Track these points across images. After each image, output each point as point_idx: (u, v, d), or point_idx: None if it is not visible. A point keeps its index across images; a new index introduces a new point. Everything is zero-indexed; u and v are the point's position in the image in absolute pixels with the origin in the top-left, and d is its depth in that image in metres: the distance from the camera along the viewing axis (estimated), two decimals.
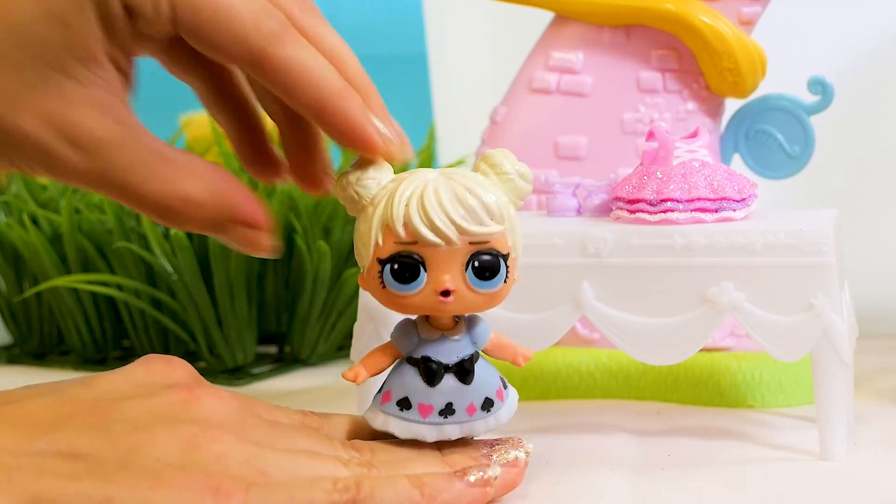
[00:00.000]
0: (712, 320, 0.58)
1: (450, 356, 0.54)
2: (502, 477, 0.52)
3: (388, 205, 0.52)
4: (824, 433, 0.58)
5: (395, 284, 0.52)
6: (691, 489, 0.55)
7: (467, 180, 0.52)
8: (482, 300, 0.53)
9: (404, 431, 0.54)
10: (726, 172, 0.60)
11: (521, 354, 0.55)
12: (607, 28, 0.69)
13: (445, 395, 0.53)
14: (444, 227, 0.52)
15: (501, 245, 0.53)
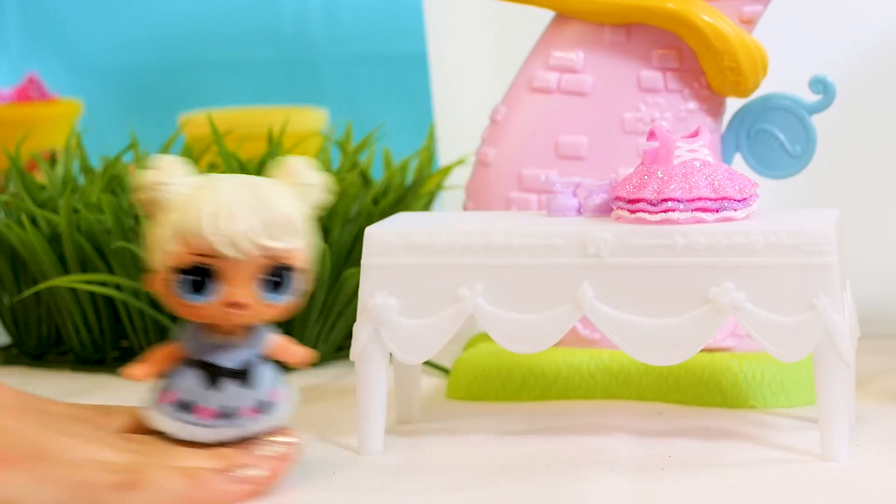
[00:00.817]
0: (713, 320, 0.58)
1: (232, 361, 0.55)
2: (268, 468, 0.54)
3: (185, 214, 0.52)
4: (826, 434, 0.58)
5: (188, 295, 0.53)
6: (692, 490, 0.55)
7: (266, 192, 0.53)
8: (269, 312, 0.54)
9: (181, 432, 0.54)
10: (727, 172, 0.60)
11: (301, 356, 0.56)
12: (608, 27, 0.69)
13: (225, 399, 0.54)
14: (240, 240, 0.52)
15: (294, 259, 0.53)
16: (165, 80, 1.20)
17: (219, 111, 1.09)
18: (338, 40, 1.16)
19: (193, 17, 1.19)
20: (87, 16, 1.21)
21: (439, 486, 0.56)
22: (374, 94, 1.14)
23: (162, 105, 1.18)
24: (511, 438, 0.63)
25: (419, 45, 0.91)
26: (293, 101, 1.15)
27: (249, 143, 0.90)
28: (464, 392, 0.70)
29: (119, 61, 1.20)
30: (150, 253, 0.54)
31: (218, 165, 0.85)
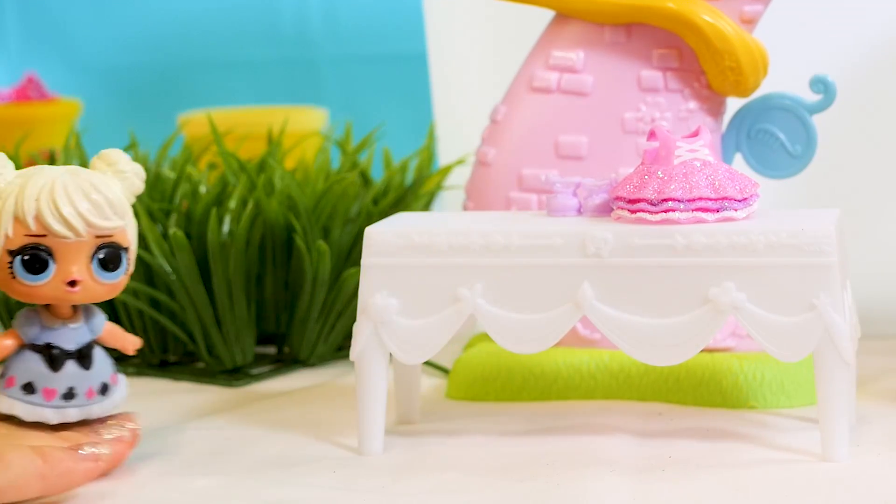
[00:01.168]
0: (714, 320, 0.58)
1: (70, 343, 0.58)
2: (112, 449, 0.57)
3: (18, 199, 0.57)
4: (826, 434, 0.58)
5: (26, 275, 0.57)
6: (693, 490, 0.55)
7: (92, 177, 0.57)
8: (105, 290, 0.58)
9: (29, 414, 0.58)
10: (728, 172, 0.60)
11: (131, 342, 0.60)
12: (608, 27, 0.69)
13: (67, 380, 0.58)
14: (73, 219, 0.56)
15: (123, 239, 0.58)
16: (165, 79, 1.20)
17: (218, 111, 1.09)
18: (338, 40, 1.16)
19: (193, 16, 1.19)
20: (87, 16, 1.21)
21: (439, 486, 0.56)
22: (373, 94, 1.14)
23: (161, 105, 1.18)
24: (511, 438, 0.63)
25: (419, 45, 0.91)
26: (293, 101, 1.15)
27: (249, 143, 0.90)
28: (464, 392, 0.70)
29: (118, 61, 1.20)
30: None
31: (218, 165, 0.85)
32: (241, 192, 0.77)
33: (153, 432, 0.65)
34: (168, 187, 0.79)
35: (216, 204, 0.77)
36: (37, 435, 0.57)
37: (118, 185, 0.58)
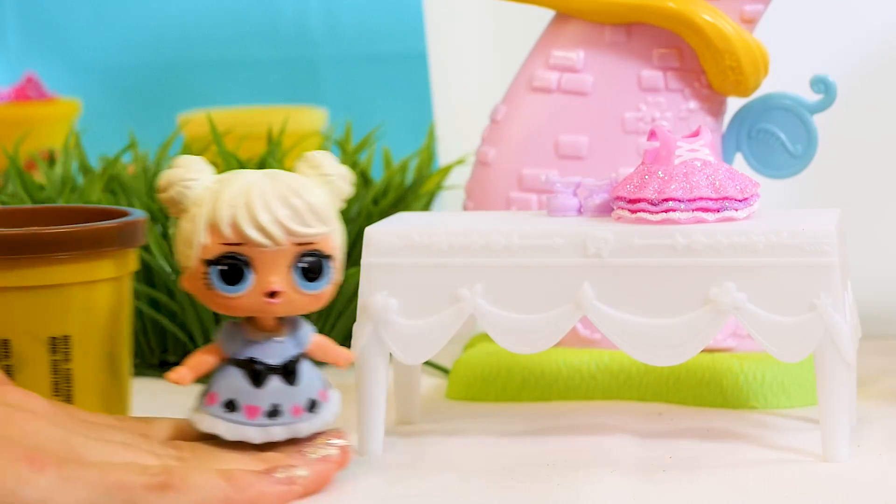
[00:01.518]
0: (714, 321, 0.58)
1: (275, 357, 0.54)
2: (315, 471, 0.53)
3: (214, 205, 0.53)
4: (827, 434, 0.58)
5: (222, 286, 0.53)
6: (693, 491, 0.55)
7: (292, 181, 0.53)
8: (307, 301, 0.54)
9: (231, 433, 0.54)
10: (728, 172, 0.60)
11: (343, 356, 0.56)
12: (608, 26, 0.69)
13: (272, 397, 0.54)
14: (271, 227, 0.52)
15: (327, 246, 0.54)
16: (164, 79, 1.20)
17: (218, 111, 1.09)
18: (337, 40, 1.16)
19: (192, 16, 1.19)
20: (86, 15, 1.21)
21: (439, 486, 0.56)
22: (373, 93, 1.14)
23: (161, 104, 1.18)
24: (511, 439, 0.62)
25: (419, 44, 0.91)
26: (293, 101, 1.15)
27: (249, 143, 0.90)
28: (464, 392, 0.70)
29: (118, 60, 1.20)
30: (181, 251, 0.54)
31: (217, 165, 0.85)
32: None
33: None
34: None
35: None
36: (237, 457, 0.53)
37: (322, 190, 0.54)
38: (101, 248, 0.57)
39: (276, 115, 0.97)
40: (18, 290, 0.56)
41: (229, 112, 1.15)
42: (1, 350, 0.56)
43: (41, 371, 0.56)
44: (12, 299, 0.56)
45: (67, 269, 0.56)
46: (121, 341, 0.59)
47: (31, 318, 0.56)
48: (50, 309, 0.56)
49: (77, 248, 0.56)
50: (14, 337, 0.56)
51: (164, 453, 0.52)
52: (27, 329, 0.56)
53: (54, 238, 0.56)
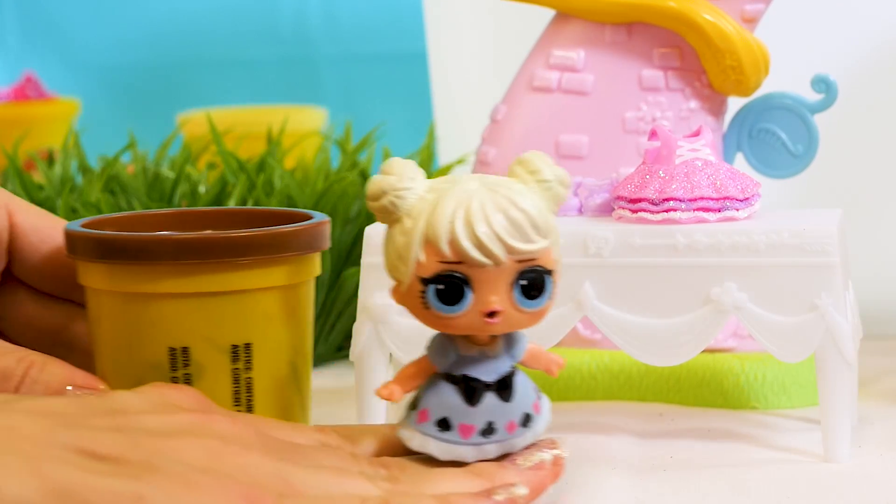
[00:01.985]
0: (715, 321, 0.58)
1: (490, 374, 0.51)
2: (530, 484, 0.51)
3: (430, 220, 0.50)
4: (828, 435, 0.58)
5: (440, 306, 0.50)
6: (694, 491, 0.55)
7: (511, 192, 0.50)
8: (527, 319, 0.51)
9: (445, 453, 0.52)
10: (729, 171, 0.60)
11: (555, 363, 0.53)
12: (609, 26, 0.69)
13: (486, 415, 0.51)
14: (492, 246, 0.49)
15: (547, 261, 0.50)
16: (164, 78, 1.20)
17: (217, 110, 1.09)
18: (337, 39, 1.16)
19: (192, 15, 1.19)
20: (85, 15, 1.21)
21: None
22: (373, 93, 1.14)
23: (160, 104, 1.18)
24: None
25: (419, 43, 0.91)
26: (292, 100, 1.15)
27: (248, 143, 0.90)
28: None
29: (117, 60, 1.20)
30: (392, 264, 0.51)
31: (217, 165, 0.85)
32: (241, 192, 0.77)
33: None
34: (167, 187, 0.79)
35: (215, 204, 0.77)
36: (448, 473, 0.51)
37: (541, 198, 0.50)
38: (286, 253, 0.54)
39: (276, 114, 0.97)
40: (200, 297, 0.53)
41: (229, 111, 1.15)
42: (180, 358, 0.53)
43: (221, 380, 0.54)
44: (193, 306, 0.53)
45: (251, 274, 0.53)
46: (302, 349, 0.56)
47: (211, 326, 0.53)
48: (232, 316, 0.54)
49: (262, 253, 0.53)
50: (194, 344, 0.53)
51: (375, 474, 0.50)
52: (207, 336, 0.53)
53: (240, 242, 0.53)
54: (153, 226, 0.58)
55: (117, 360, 0.55)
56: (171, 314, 0.53)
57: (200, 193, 0.78)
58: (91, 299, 0.55)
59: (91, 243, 0.54)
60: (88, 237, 0.54)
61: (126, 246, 0.53)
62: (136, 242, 0.53)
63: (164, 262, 0.53)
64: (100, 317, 0.55)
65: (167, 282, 0.53)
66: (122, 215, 0.59)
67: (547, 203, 0.51)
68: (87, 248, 0.54)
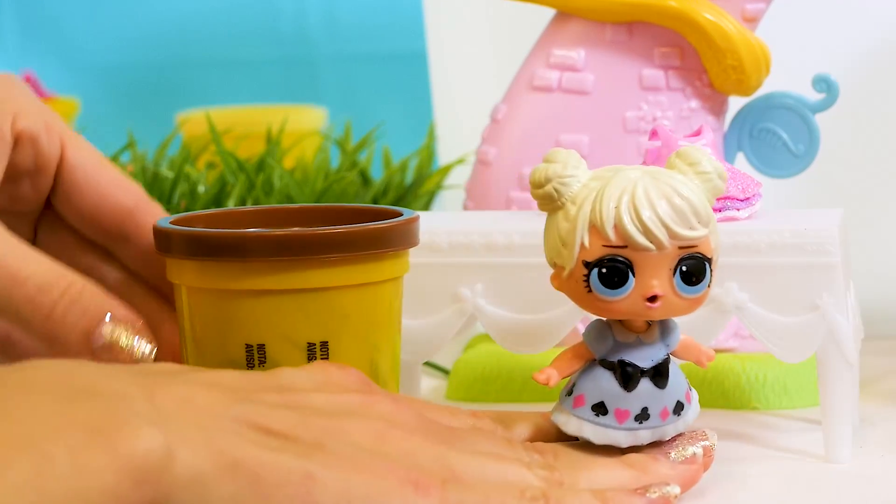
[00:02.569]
0: (716, 321, 0.58)
1: (645, 360, 0.53)
2: (682, 477, 0.52)
3: (595, 205, 0.51)
4: (829, 435, 0.58)
5: (603, 289, 0.51)
6: (695, 491, 0.54)
7: (673, 181, 0.51)
8: (686, 305, 0.52)
9: (600, 437, 0.53)
10: (730, 171, 0.60)
11: (706, 355, 0.54)
12: (609, 25, 0.69)
13: (641, 400, 0.52)
14: (657, 231, 0.50)
15: (707, 249, 0.52)
16: (163, 78, 1.20)
17: (217, 110, 1.09)
18: (337, 39, 1.16)
19: (191, 15, 1.19)
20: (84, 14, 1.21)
21: None
22: (373, 92, 1.14)
23: (159, 104, 1.18)
24: None
25: (419, 43, 0.91)
26: (292, 100, 1.15)
27: (248, 142, 0.90)
28: (464, 393, 0.70)
29: (116, 60, 1.20)
30: (554, 249, 0.52)
31: (216, 164, 0.85)
32: (240, 192, 0.76)
33: None
34: (166, 187, 0.79)
35: (214, 203, 0.77)
36: (601, 462, 0.52)
37: (700, 188, 0.52)
38: (374, 250, 0.53)
39: (276, 114, 0.96)
40: (279, 294, 0.53)
41: (228, 111, 1.15)
42: (257, 355, 0.53)
43: None
44: (272, 303, 0.53)
45: (334, 272, 0.53)
46: (385, 348, 0.55)
47: (289, 323, 0.53)
48: (310, 313, 0.53)
49: (349, 250, 0.53)
50: (270, 341, 0.53)
51: (531, 460, 0.50)
52: (285, 334, 0.53)
53: (326, 239, 0.53)
54: (240, 223, 0.58)
55: (197, 356, 0.55)
56: (252, 311, 0.53)
57: (199, 193, 0.77)
58: (179, 295, 0.55)
59: (186, 240, 0.54)
60: (183, 234, 0.54)
61: (222, 243, 0.53)
62: (233, 239, 0.53)
63: (258, 259, 0.53)
64: (185, 312, 0.55)
65: (258, 279, 0.53)
66: (208, 212, 0.59)
67: (706, 194, 0.52)
68: (182, 245, 0.54)
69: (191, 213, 0.58)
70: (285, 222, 0.59)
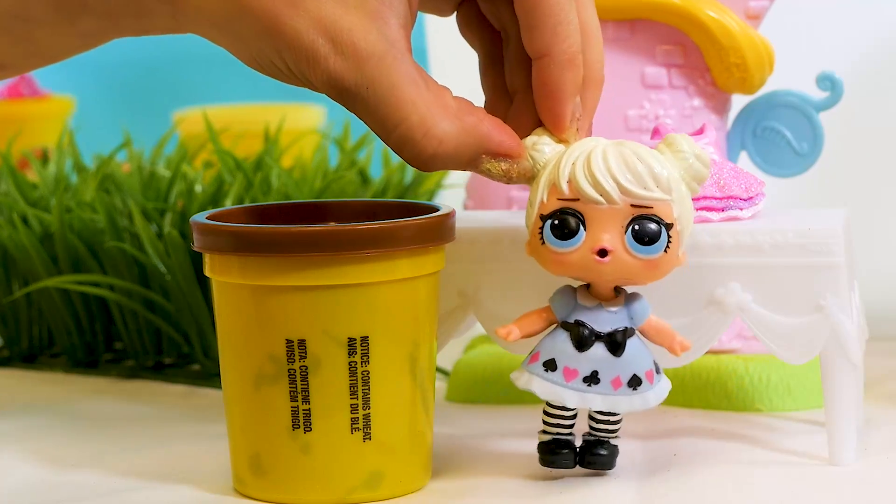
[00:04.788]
0: (719, 322, 0.57)
1: (603, 325, 0.54)
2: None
3: (556, 165, 0.53)
4: (833, 437, 0.57)
5: (554, 240, 0.53)
6: (698, 493, 0.54)
7: (640, 150, 0.53)
8: (640, 267, 0.53)
9: (546, 392, 0.55)
10: (733, 170, 0.59)
11: (679, 342, 0.55)
12: (612, 22, 0.68)
13: (592, 363, 0.54)
14: (606, 184, 0.52)
15: (665, 213, 0.53)
16: (159, 76, 1.19)
17: (214, 108, 1.08)
18: None
19: None
20: None
21: (439, 489, 0.56)
22: None
23: (156, 102, 1.17)
24: (513, 441, 0.62)
25: (418, 41, 0.90)
26: (290, 98, 1.14)
27: (245, 141, 0.89)
28: (464, 395, 0.69)
29: (112, 57, 1.19)
30: (528, 215, 0.54)
31: (213, 163, 0.84)
32: (238, 191, 0.76)
33: (153, 436, 0.64)
34: (163, 186, 0.79)
35: (212, 203, 0.76)
36: None
37: (671, 163, 0.53)
38: (409, 246, 0.54)
39: (274, 112, 0.96)
40: (319, 289, 0.53)
41: (225, 109, 1.15)
42: (297, 350, 0.53)
43: (338, 373, 0.54)
44: (312, 298, 0.53)
45: (372, 267, 0.53)
46: (423, 343, 0.55)
47: (329, 318, 0.53)
48: (350, 308, 0.53)
49: (390, 246, 0.53)
50: (311, 337, 0.53)
51: None
52: (325, 329, 0.53)
53: (368, 235, 0.53)
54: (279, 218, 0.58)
55: (237, 352, 0.55)
56: (292, 306, 0.53)
57: (197, 193, 0.77)
58: (218, 291, 0.55)
59: (227, 236, 0.54)
60: (224, 230, 0.54)
61: (263, 239, 0.53)
62: (274, 235, 0.53)
63: (300, 254, 0.53)
64: (224, 308, 0.55)
65: (299, 274, 0.53)
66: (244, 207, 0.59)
67: (681, 174, 0.54)
68: (222, 241, 0.54)
69: (227, 208, 0.59)
70: (321, 217, 0.59)
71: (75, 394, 0.73)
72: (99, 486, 0.57)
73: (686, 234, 0.54)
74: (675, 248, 0.53)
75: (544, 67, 0.54)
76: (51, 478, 0.59)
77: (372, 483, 0.55)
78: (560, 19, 0.54)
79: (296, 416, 0.54)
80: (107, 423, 0.67)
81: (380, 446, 0.55)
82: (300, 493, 0.54)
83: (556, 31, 0.54)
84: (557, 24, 0.54)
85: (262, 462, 0.55)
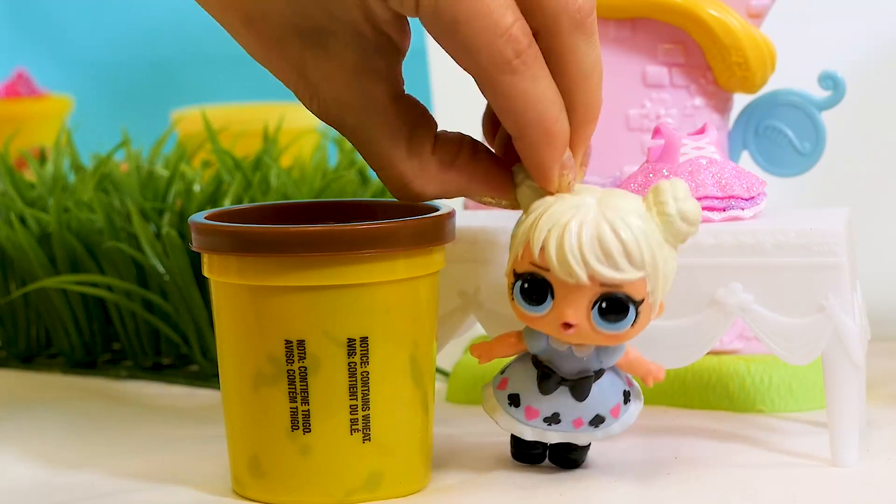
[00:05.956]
0: (720, 322, 0.57)
1: (570, 370, 0.54)
2: None
3: (535, 222, 0.52)
4: (836, 438, 0.57)
5: (522, 302, 0.53)
6: (699, 494, 0.54)
7: (622, 219, 0.52)
8: (604, 339, 0.53)
9: (507, 425, 0.55)
10: (734, 170, 0.59)
11: (652, 375, 0.55)
12: (612, 21, 0.68)
13: (554, 406, 0.54)
14: (575, 266, 0.52)
15: (635, 290, 0.52)
16: (158, 75, 1.19)
17: (213, 107, 1.08)
18: None
19: (186, 11, 1.18)
20: (78, 10, 1.20)
21: (439, 490, 0.56)
22: None
23: (154, 101, 1.17)
24: None
25: (418, 40, 0.90)
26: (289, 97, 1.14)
27: (244, 140, 0.89)
28: (464, 396, 0.69)
29: (110, 56, 1.19)
30: (511, 246, 0.54)
31: (212, 163, 0.84)
32: (237, 191, 0.76)
33: (151, 437, 0.64)
34: (161, 186, 0.78)
35: (210, 203, 0.76)
36: None
37: (655, 230, 0.52)
38: (409, 246, 0.54)
39: (272, 111, 0.96)
40: (318, 290, 0.53)
41: (224, 108, 1.15)
42: (296, 351, 0.53)
43: (337, 373, 0.53)
44: (312, 298, 0.53)
45: (371, 267, 0.53)
46: (423, 344, 0.55)
47: (329, 319, 0.53)
48: (350, 309, 0.53)
49: (390, 246, 0.53)
50: (310, 337, 0.53)
51: None
52: (324, 329, 0.53)
53: (367, 235, 0.53)
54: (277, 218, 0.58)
55: (236, 352, 0.55)
56: (290, 307, 0.53)
57: (195, 192, 0.77)
58: (216, 291, 0.55)
59: (224, 236, 0.54)
60: (223, 230, 0.54)
61: (261, 239, 0.53)
62: (273, 235, 0.53)
63: (299, 254, 0.53)
64: (223, 308, 0.55)
65: (298, 274, 0.53)
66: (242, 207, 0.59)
67: (665, 236, 0.52)
68: (219, 241, 0.54)
69: (226, 208, 0.59)
70: (320, 217, 0.59)
71: (73, 395, 0.73)
72: (97, 487, 0.57)
73: (666, 290, 0.53)
74: (645, 320, 0.53)
75: (520, 149, 0.53)
76: (48, 479, 0.59)
77: (371, 484, 0.54)
78: (526, 108, 0.52)
79: (295, 417, 0.54)
80: (105, 424, 0.67)
81: (379, 447, 0.54)
82: (299, 495, 0.54)
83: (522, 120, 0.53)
84: (523, 113, 0.52)
85: (261, 463, 0.55)
